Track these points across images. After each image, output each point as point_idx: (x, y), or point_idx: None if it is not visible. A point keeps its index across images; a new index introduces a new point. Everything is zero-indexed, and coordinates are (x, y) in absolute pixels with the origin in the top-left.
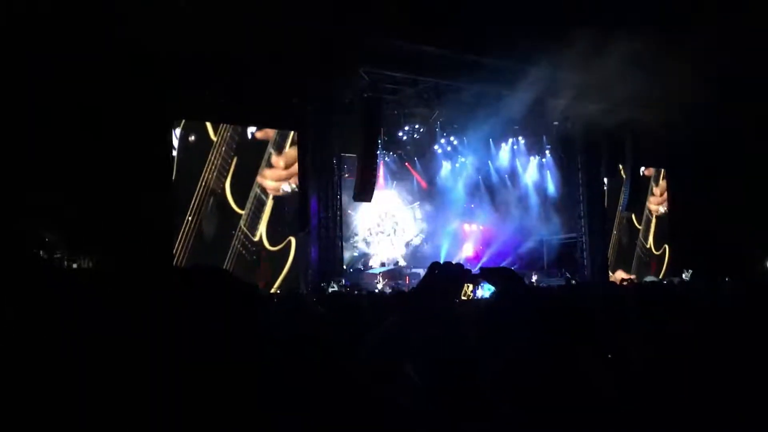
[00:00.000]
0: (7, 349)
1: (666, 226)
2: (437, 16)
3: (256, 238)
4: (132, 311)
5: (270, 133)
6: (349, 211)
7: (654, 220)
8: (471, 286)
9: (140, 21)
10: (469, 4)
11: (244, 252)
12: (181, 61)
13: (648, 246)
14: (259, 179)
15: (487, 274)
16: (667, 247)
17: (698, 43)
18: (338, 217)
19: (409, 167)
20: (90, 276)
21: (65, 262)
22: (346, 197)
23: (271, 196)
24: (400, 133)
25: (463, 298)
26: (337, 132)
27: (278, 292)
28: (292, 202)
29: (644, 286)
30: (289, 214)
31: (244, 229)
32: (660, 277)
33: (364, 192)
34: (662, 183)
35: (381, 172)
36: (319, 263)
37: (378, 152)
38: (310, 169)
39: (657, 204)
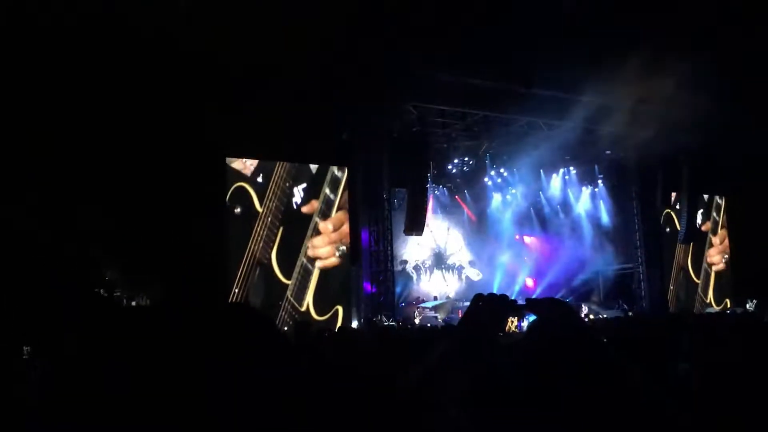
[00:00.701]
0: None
1: (727, 281)
2: (484, 49)
3: (303, 308)
4: (184, 348)
5: (315, 205)
6: (400, 245)
7: (713, 275)
8: (516, 319)
9: (192, 54)
10: (515, 35)
11: (291, 322)
12: (233, 98)
13: (708, 301)
14: (309, 251)
15: (533, 304)
16: (728, 301)
17: (753, 65)
18: (389, 251)
19: (459, 200)
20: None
21: (124, 300)
22: (396, 230)
23: (317, 266)
24: (450, 166)
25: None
26: (387, 166)
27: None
28: (339, 272)
29: (705, 316)
30: (335, 283)
31: (291, 299)
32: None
33: (415, 225)
34: (721, 232)
35: (431, 205)
36: (371, 297)
37: (428, 185)
38: (360, 203)
39: (718, 254)
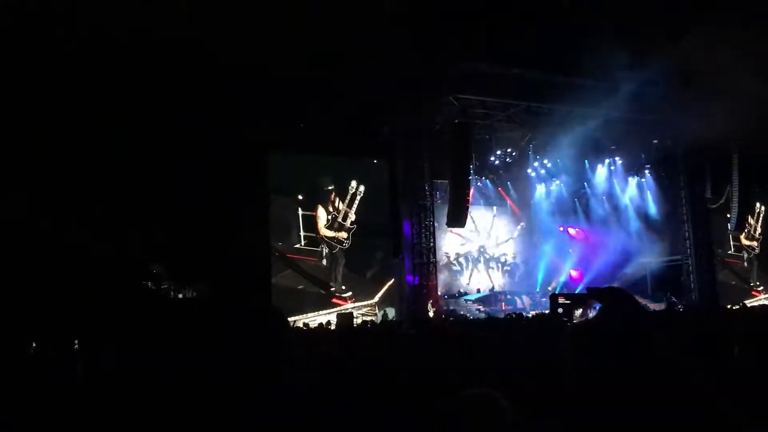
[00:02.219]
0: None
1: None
2: (526, 39)
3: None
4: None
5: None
6: (443, 237)
7: (754, 260)
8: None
9: (233, 52)
10: (558, 24)
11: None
12: (274, 94)
13: (752, 284)
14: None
15: (596, 293)
16: None
17: None
18: (432, 243)
19: (502, 192)
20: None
21: (171, 293)
22: (439, 223)
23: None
24: (492, 158)
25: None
26: (429, 158)
27: (373, 320)
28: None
29: (755, 309)
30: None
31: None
32: None
33: (457, 218)
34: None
35: (473, 197)
36: (414, 290)
37: (470, 177)
38: (401, 196)
39: (753, 239)
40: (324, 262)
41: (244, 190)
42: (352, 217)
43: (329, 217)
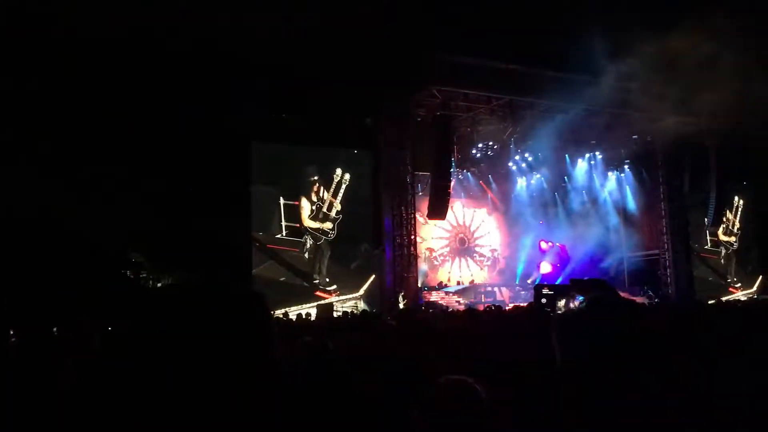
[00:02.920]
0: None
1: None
2: (509, 32)
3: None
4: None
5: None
6: (424, 229)
7: (732, 256)
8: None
9: (215, 41)
10: (541, 18)
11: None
12: (257, 84)
13: (730, 280)
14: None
15: (579, 285)
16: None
17: None
18: (412, 236)
19: (483, 185)
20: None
21: (150, 282)
22: (419, 215)
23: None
24: (474, 151)
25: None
26: (411, 150)
27: (352, 311)
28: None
29: (731, 304)
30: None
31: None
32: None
33: (438, 210)
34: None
35: (454, 189)
36: (394, 281)
37: (451, 170)
38: (383, 187)
39: (731, 234)
40: (307, 253)
41: (225, 178)
42: (337, 206)
43: (313, 207)
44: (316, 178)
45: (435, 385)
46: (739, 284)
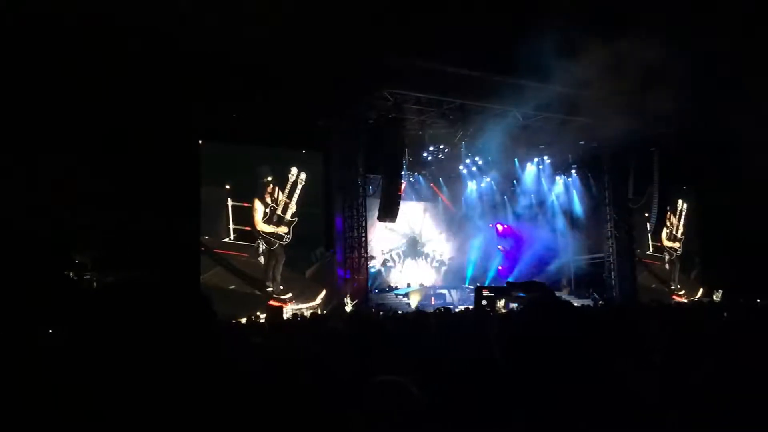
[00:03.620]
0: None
1: (689, 268)
2: (461, 37)
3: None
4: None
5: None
6: (375, 232)
7: (676, 263)
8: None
9: (168, 37)
10: (492, 23)
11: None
12: (207, 81)
13: (673, 288)
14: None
15: (517, 286)
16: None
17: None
18: (363, 238)
19: (434, 187)
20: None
21: (94, 283)
22: (370, 218)
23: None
24: (425, 154)
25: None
26: (362, 152)
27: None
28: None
29: (670, 306)
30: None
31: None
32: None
33: (389, 212)
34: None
35: (405, 192)
36: (345, 283)
37: (403, 172)
38: (335, 188)
39: (675, 240)
40: (261, 259)
41: (174, 177)
42: (293, 209)
43: (267, 210)
44: (270, 178)
45: (368, 385)
46: (683, 291)
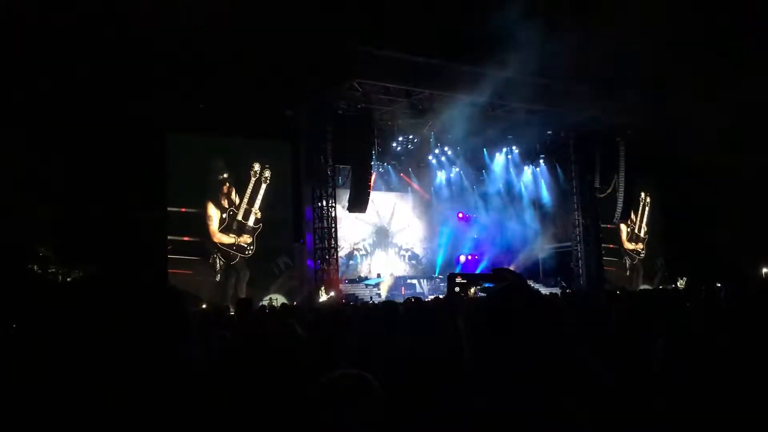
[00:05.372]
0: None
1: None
2: (431, 27)
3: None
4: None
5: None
6: (344, 222)
7: (642, 252)
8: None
9: (131, 28)
10: (461, 13)
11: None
12: (173, 72)
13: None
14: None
15: (489, 274)
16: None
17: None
18: (333, 228)
19: (405, 177)
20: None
21: (59, 276)
22: (340, 208)
23: None
24: (395, 144)
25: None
26: (332, 143)
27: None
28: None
29: (636, 293)
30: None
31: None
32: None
33: (359, 203)
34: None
35: (375, 182)
36: (315, 274)
37: (372, 163)
38: (304, 180)
39: (640, 232)
40: (218, 277)
41: (137, 167)
42: (257, 214)
43: (225, 215)
44: (225, 176)
45: (330, 378)
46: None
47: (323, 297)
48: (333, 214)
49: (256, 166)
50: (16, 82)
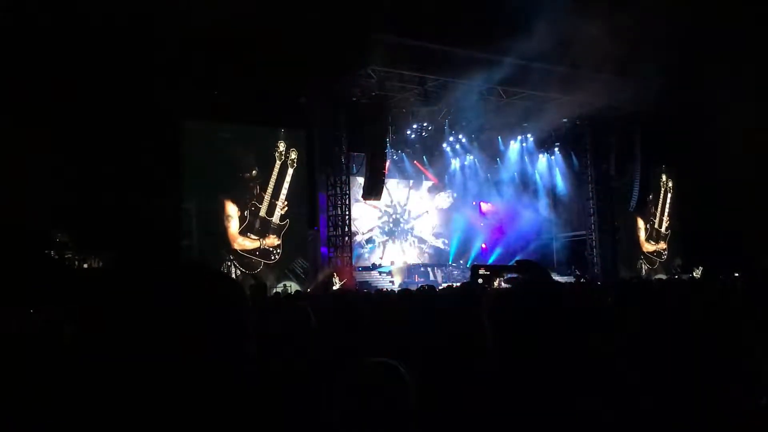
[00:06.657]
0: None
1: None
2: (445, 14)
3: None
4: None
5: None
6: (358, 209)
7: (662, 241)
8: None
9: (148, 17)
10: (477, 1)
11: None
12: (190, 61)
13: (655, 267)
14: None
15: (514, 266)
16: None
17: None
18: (347, 216)
19: (419, 165)
20: (98, 275)
21: (76, 262)
22: (354, 195)
23: None
24: (409, 132)
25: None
26: (346, 130)
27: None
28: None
29: (652, 282)
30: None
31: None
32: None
33: (373, 190)
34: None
35: (389, 170)
36: (329, 261)
37: (386, 150)
38: (318, 167)
39: (663, 222)
40: None
41: (156, 155)
42: (282, 206)
43: (246, 213)
44: (246, 165)
45: (358, 365)
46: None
47: (337, 284)
48: (347, 202)
49: (281, 146)
50: (34, 73)
